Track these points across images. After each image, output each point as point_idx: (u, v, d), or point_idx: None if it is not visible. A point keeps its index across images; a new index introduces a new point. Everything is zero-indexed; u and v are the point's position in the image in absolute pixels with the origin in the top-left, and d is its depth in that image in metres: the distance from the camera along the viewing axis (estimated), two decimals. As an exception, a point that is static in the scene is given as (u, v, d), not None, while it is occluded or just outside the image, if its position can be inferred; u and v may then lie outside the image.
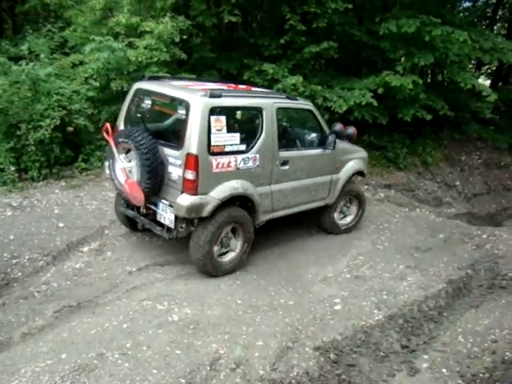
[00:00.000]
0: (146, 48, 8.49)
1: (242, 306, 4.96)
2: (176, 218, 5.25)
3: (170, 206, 5.25)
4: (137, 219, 5.97)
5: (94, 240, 6.47)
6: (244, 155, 5.40)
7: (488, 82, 16.90)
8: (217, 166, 5.13)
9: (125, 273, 5.62)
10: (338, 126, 6.95)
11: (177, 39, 8.76)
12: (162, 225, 5.54)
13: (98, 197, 7.74)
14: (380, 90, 9.73)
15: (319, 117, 6.53)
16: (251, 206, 5.69)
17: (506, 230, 8.02)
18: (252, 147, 5.51)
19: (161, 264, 5.86)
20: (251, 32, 11.49)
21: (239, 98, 5.60)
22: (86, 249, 6.26)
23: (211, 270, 5.50)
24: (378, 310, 5.20)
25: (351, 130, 7.12)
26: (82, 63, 9.12)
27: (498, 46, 11.36)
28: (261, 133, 5.60)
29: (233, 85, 6.66)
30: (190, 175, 4.97)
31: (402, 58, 10.48)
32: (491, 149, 13.69)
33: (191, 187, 5.00)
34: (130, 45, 8.78)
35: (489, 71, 17.78)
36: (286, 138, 6.46)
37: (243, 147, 5.41)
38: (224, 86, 6.15)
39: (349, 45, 11.92)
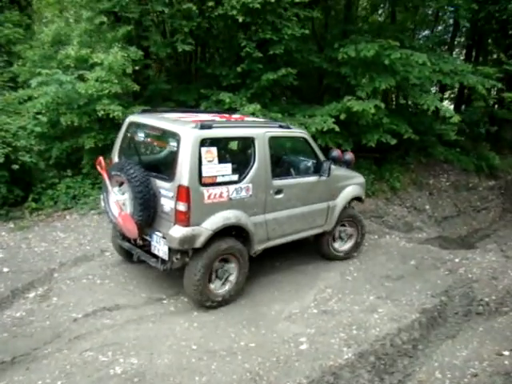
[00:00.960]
0: (96, 80, 8.09)
1: (196, 352, 4.49)
2: (170, 249, 5.17)
3: (164, 237, 5.18)
4: (132, 251, 5.88)
5: (41, 284, 5.96)
6: (236, 185, 5.35)
7: (452, 107, 17.05)
8: (209, 197, 5.09)
9: (69, 320, 5.08)
10: (336, 153, 6.96)
11: (129, 70, 8.40)
12: (156, 256, 5.45)
13: (47, 238, 7.27)
14: (342, 116, 9.53)
15: (313, 144, 6.46)
16: (246, 236, 5.61)
17: (479, 252, 7.73)
18: (245, 177, 5.45)
19: (110, 308, 5.33)
20: (209, 62, 11.22)
21: (230, 129, 5.62)
22: (31, 295, 5.73)
23: (206, 301, 5.36)
24: (348, 348, 4.78)
25: (349, 156, 7.12)
26: (30, 98, 8.67)
27: (457, 68, 11.36)
28: (253, 162, 5.55)
29: (226, 115, 6.60)
30: (181, 207, 4.94)
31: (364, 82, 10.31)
32: (458, 171, 13.57)
33: (183, 219, 4.96)
34: (81, 77, 8.37)
35: (452, 95, 17.93)
36: (280, 167, 6.47)
37: (235, 177, 5.35)
38: (217, 117, 6.14)
39: (310, 72, 11.82)
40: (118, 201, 5.31)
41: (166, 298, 5.70)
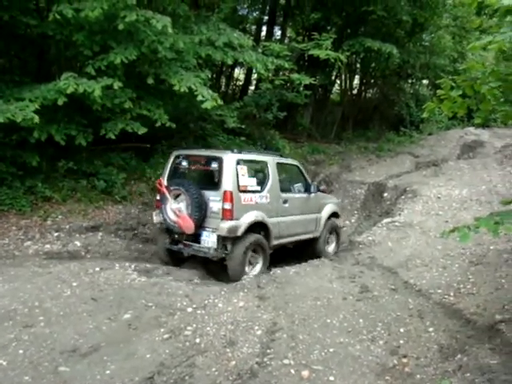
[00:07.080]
0: None
1: None
2: (218, 239, 6.85)
3: (213, 231, 6.85)
4: (182, 250, 7.28)
5: None
6: (259, 194, 7.29)
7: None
8: (244, 200, 6.96)
9: None
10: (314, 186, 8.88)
11: None
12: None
13: None
14: (60, 101, 6.89)
15: (303, 170, 8.73)
16: (266, 233, 7.35)
17: (226, 292, 5.60)
18: (264, 189, 7.41)
19: None
20: None
21: (253, 154, 7.85)
22: None
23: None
24: None
25: (323, 187, 10.06)
26: None
27: (233, 42, 9.42)
28: (268, 179, 7.56)
29: None
30: (227, 206, 6.74)
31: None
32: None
33: (229, 215, 6.73)
34: None
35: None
36: (284, 185, 8.05)
37: (259, 188, 7.32)
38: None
39: (35, 40, 8.78)
40: (175, 208, 6.91)
41: None
